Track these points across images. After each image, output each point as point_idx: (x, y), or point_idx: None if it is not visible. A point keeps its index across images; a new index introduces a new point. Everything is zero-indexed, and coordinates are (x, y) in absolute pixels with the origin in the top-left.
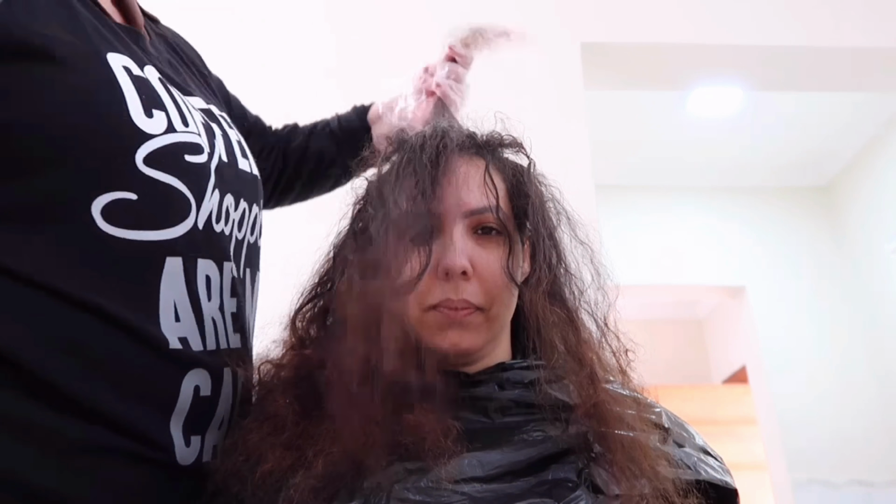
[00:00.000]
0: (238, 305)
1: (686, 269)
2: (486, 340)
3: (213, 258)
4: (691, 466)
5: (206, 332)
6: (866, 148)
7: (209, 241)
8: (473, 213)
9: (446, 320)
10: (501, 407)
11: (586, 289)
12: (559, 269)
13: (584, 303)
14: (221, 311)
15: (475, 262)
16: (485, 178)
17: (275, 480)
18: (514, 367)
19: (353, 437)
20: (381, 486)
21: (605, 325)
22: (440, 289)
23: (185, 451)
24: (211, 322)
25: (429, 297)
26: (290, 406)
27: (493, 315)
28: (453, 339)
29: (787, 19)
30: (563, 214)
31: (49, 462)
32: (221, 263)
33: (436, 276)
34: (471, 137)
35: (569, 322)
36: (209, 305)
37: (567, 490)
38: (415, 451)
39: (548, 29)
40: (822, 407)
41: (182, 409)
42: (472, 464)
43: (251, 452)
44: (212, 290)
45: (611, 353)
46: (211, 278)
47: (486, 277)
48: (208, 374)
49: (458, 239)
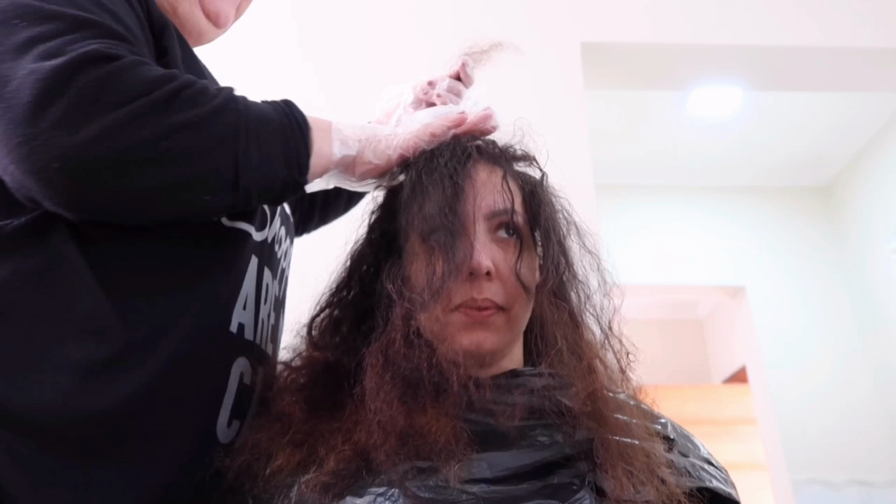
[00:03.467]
0: (276, 319)
1: (686, 269)
2: (507, 343)
3: (272, 271)
4: (695, 475)
5: (257, 327)
6: (866, 148)
7: (272, 256)
8: (495, 215)
9: (471, 321)
10: (510, 411)
11: (592, 294)
12: (567, 274)
13: (590, 307)
14: (268, 318)
15: (496, 263)
16: (503, 182)
17: (285, 477)
18: (525, 374)
19: (368, 434)
20: (393, 482)
21: (609, 329)
22: (464, 289)
23: (226, 431)
24: (262, 322)
25: (453, 298)
26: (298, 405)
27: (514, 316)
28: (477, 339)
29: (787, 19)
30: (572, 224)
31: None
32: (273, 279)
33: (460, 277)
34: (490, 145)
35: (572, 322)
36: (264, 308)
37: (571, 492)
38: (425, 451)
39: (548, 29)
40: (822, 407)
41: (231, 391)
42: (480, 465)
43: (262, 450)
44: (268, 296)
45: (613, 356)
46: (269, 287)
47: (506, 278)
48: (249, 365)
49: (481, 240)
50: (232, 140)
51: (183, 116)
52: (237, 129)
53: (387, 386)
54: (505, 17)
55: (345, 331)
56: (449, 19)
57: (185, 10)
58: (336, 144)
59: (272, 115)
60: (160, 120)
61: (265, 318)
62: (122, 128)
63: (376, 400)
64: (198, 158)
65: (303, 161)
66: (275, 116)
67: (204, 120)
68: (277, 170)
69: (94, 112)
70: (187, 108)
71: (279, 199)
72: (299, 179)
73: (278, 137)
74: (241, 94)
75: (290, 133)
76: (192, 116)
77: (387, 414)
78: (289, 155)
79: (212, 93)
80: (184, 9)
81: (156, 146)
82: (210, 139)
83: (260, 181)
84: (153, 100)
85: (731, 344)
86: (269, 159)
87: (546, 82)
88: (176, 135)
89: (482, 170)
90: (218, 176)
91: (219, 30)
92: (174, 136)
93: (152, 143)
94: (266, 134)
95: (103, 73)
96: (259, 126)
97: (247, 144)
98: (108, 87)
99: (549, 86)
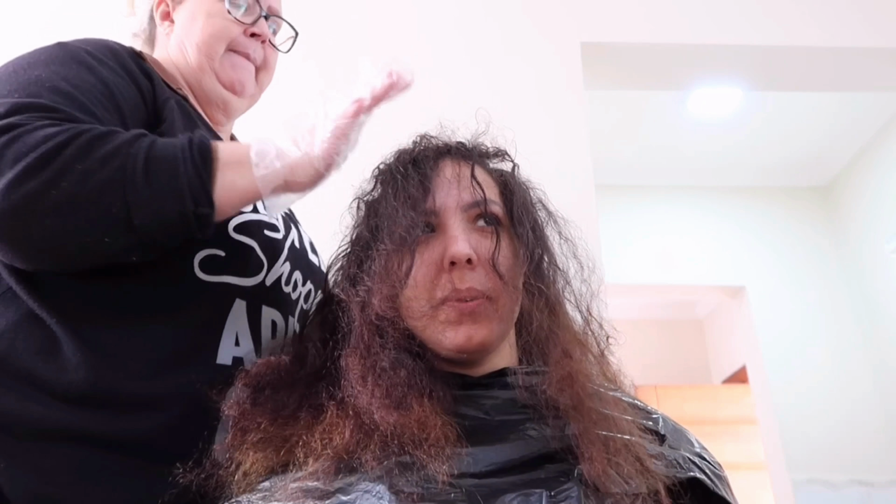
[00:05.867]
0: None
1: (686, 268)
2: (498, 335)
3: (278, 309)
4: (685, 467)
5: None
6: (866, 148)
7: (276, 296)
8: (470, 206)
9: (458, 314)
10: (500, 405)
11: (570, 280)
12: (544, 261)
13: (569, 293)
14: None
15: (477, 251)
16: (472, 173)
17: (256, 480)
18: (516, 371)
19: (351, 434)
20: (378, 479)
21: (588, 314)
22: (447, 281)
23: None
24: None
25: (437, 291)
26: (259, 409)
27: (502, 306)
28: (467, 332)
29: (787, 19)
30: (549, 214)
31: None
32: (287, 316)
33: (441, 269)
34: (457, 143)
35: (548, 308)
36: (273, 343)
37: (558, 483)
38: (410, 447)
39: (548, 29)
40: (822, 407)
41: (226, 419)
42: (466, 460)
43: (228, 457)
44: (277, 331)
45: (593, 339)
46: (277, 323)
47: (488, 265)
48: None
49: (460, 230)
50: (119, 184)
51: (70, 166)
52: (125, 172)
53: (369, 382)
54: (505, 17)
55: (318, 335)
56: (450, 19)
57: (207, 84)
58: (256, 170)
59: (168, 152)
60: (49, 172)
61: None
62: (15, 183)
63: (360, 398)
64: (89, 205)
65: (198, 192)
66: (170, 152)
67: (90, 167)
68: (170, 204)
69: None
70: (75, 158)
71: (187, 232)
72: (198, 211)
73: (168, 172)
74: (149, 137)
75: (181, 166)
76: (80, 165)
77: (374, 412)
78: (179, 188)
79: (108, 139)
80: (206, 83)
81: (46, 196)
82: (97, 184)
83: (154, 218)
84: (43, 153)
85: (731, 344)
86: (159, 195)
87: (546, 82)
88: (64, 183)
89: (453, 165)
90: (110, 218)
91: (242, 99)
92: (63, 185)
93: (42, 194)
94: (156, 172)
95: (7, 138)
96: (149, 164)
97: (134, 185)
98: (8, 149)
99: (549, 86)
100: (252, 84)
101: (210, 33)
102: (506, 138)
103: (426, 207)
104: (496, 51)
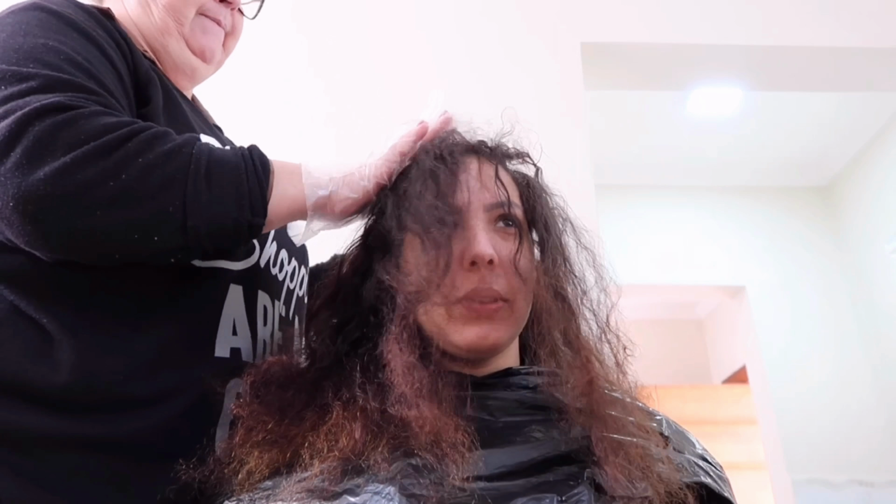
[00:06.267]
0: (284, 339)
1: (686, 269)
2: (510, 337)
3: (268, 293)
4: (690, 471)
5: (257, 349)
6: (866, 148)
7: (267, 279)
8: (493, 207)
9: (474, 314)
10: (506, 407)
11: (589, 290)
12: (564, 268)
13: (587, 302)
14: (271, 338)
15: (499, 252)
16: (497, 175)
17: (260, 479)
18: (521, 372)
19: (361, 436)
20: (388, 480)
21: (605, 324)
22: (467, 280)
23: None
24: (262, 343)
25: (456, 290)
26: (265, 409)
27: (517, 308)
28: (482, 332)
29: (787, 19)
30: (567, 221)
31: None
32: (274, 301)
33: (462, 268)
34: (481, 142)
35: (568, 316)
36: (264, 330)
37: (568, 487)
38: (421, 448)
39: (548, 29)
40: (822, 407)
41: (227, 411)
42: (477, 463)
43: (232, 455)
44: (267, 318)
45: (609, 350)
46: (267, 309)
47: (508, 266)
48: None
49: (482, 229)
50: (181, 182)
51: (133, 159)
52: (186, 172)
53: (409, 374)
54: (505, 17)
55: (331, 336)
56: (450, 19)
57: (175, 49)
58: (307, 188)
59: (229, 158)
60: (109, 162)
61: (267, 340)
62: (71, 169)
63: (401, 386)
64: (146, 200)
65: (256, 202)
66: (231, 159)
67: (153, 162)
68: (228, 211)
69: (47, 155)
70: (137, 152)
71: (234, 241)
72: (253, 220)
73: (231, 179)
74: (204, 142)
75: (244, 175)
76: (142, 160)
77: (412, 403)
78: (241, 196)
79: (167, 138)
80: (173, 48)
81: (104, 187)
82: (158, 180)
83: (209, 222)
84: (104, 143)
85: (731, 344)
86: (220, 201)
87: (546, 83)
88: (125, 175)
89: (476, 164)
90: (166, 217)
91: (208, 66)
92: (123, 178)
93: (100, 184)
94: (218, 176)
95: (60, 120)
96: (211, 168)
97: (196, 186)
98: (62, 132)
99: (549, 86)
100: (220, 51)
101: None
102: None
103: (452, 203)
104: (496, 51)
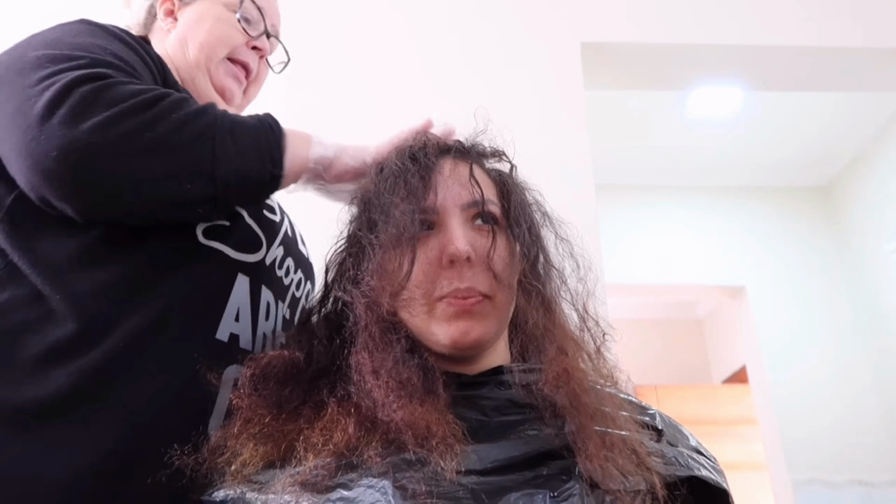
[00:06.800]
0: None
1: (686, 269)
2: (494, 332)
3: (273, 292)
4: (684, 464)
5: (256, 340)
6: (866, 148)
7: (272, 278)
8: (469, 205)
9: (455, 310)
10: (498, 406)
11: (566, 279)
12: (540, 260)
13: (565, 292)
14: (272, 334)
15: (476, 249)
16: (471, 172)
17: (254, 472)
18: (512, 370)
19: (355, 431)
20: (382, 475)
21: (584, 311)
22: (446, 279)
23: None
24: (262, 336)
25: (436, 289)
26: (263, 402)
27: (499, 304)
28: (463, 328)
29: (787, 19)
30: (546, 215)
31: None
32: (278, 300)
33: (440, 266)
34: (457, 142)
35: (544, 307)
36: (266, 324)
37: (560, 482)
38: (415, 444)
39: (548, 29)
40: (822, 407)
41: (224, 396)
42: (470, 457)
43: (226, 446)
44: (270, 314)
45: (589, 336)
46: (271, 305)
47: (486, 263)
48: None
49: (459, 228)
50: (210, 137)
51: (166, 115)
52: (214, 128)
53: (377, 380)
54: (504, 17)
55: (324, 333)
56: (450, 20)
57: (201, 83)
58: (314, 147)
59: (248, 120)
60: (145, 116)
61: (268, 334)
62: (112, 121)
63: (374, 393)
64: (179, 150)
65: (276, 156)
66: (250, 121)
67: (184, 118)
68: (252, 164)
69: (90, 111)
70: (170, 109)
71: (258, 193)
72: (274, 172)
73: (253, 136)
74: (221, 108)
75: (262, 134)
76: (174, 115)
77: (388, 407)
78: (261, 151)
79: (192, 101)
80: (200, 81)
81: (141, 137)
82: (190, 134)
83: (236, 173)
84: (141, 101)
85: (731, 344)
86: (244, 154)
87: (546, 83)
88: (160, 128)
89: (452, 164)
90: (197, 166)
91: (229, 107)
92: (158, 130)
93: (138, 134)
94: (241, 134)
95: (100, 84)
96: (234, 127)
97: (223, 141)
98: (103, 93)
99: (548, 86)
100: (239, 95)
101: (217, 36)
102: (505, 138)
103: (426, 205)
104: (496, 51)
